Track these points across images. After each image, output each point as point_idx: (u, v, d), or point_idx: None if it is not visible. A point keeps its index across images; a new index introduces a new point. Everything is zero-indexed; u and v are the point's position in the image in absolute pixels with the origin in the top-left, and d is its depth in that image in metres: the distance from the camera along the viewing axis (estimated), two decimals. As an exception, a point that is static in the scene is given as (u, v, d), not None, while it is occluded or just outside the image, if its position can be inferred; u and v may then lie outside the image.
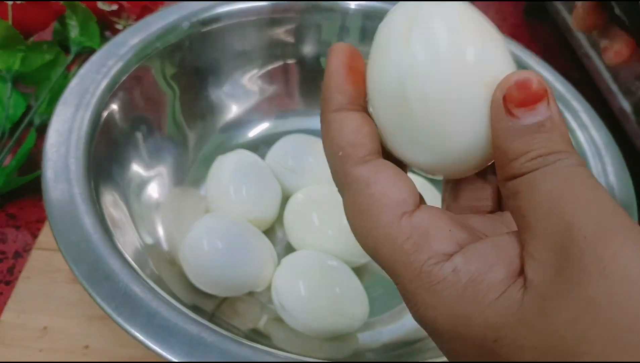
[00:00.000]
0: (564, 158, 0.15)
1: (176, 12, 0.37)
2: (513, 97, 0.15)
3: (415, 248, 0.16)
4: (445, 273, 0.15)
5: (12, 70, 0.41)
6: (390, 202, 0.16)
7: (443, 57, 0.16)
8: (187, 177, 0.38)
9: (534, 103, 0.15)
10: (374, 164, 0.17)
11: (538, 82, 0.15)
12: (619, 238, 0.14)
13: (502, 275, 0.15)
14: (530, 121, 0.15)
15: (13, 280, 0.34)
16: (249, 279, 0.32)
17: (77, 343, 0.31)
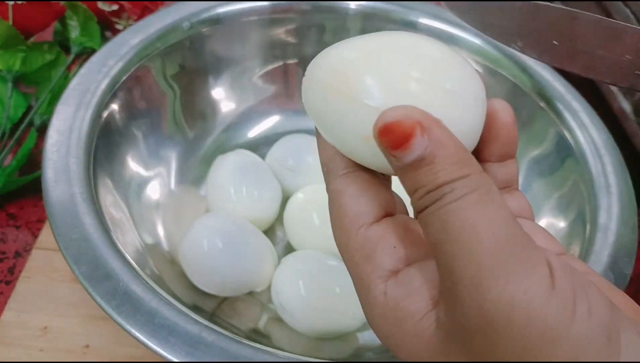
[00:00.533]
0: (447, 191, 0.14)
1: (176, 12, 0.37)
2: (384, 141, 0.15)
3: (363, 260, 0.17)
4: (379, 293, 0.16)
5: (13, 70, 0.41)
6: (350, 214, 0.17)
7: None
8: (188, 177, 0.38)
9: (406, 142, 0.15)
10: (347, 177, 0.18)
11: (402, 120, 0.15)
12: (491, 282, 0.14)
13: (419, 304, 0.16)
14: (409, 158, 0.15)
15: (13, 280, 0.34)
16: (249, 279, 0.32)
17: (77, 343, 0.31)
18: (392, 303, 0.16)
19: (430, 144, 0.15)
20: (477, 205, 0.14)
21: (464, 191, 0.14)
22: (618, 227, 0.30)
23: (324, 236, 0.34)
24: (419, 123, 0.15)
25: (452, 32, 0.40)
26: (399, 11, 0.40)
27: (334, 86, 0.17)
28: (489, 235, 0.14)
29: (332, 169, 0.18)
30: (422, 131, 0.15)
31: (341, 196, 0.17)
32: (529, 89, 0.38)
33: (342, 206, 0.17)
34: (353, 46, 0.18)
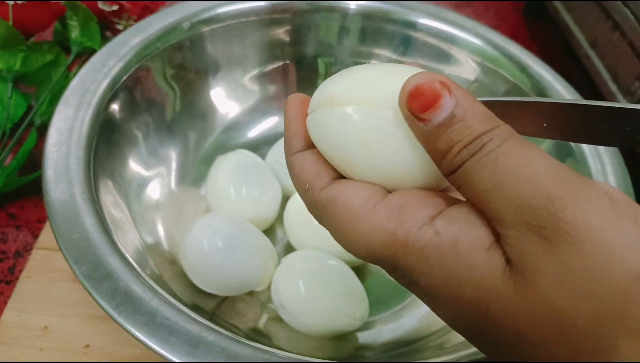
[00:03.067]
0: (486, 140, 0.15)
1: (177, 13, 0.37)
2: (415, 106, 0.15)
3: (397, 224, 0.16)
4: (429, 236, 0.16)
5: (13, 70, 0.41)
6: (360, 200, 0.17)
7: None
8: (188, 177, 0.38)
9: (435, 102, 0.15)
10: (336, 183, 0.18)
11: (429, 81, 0.15)
12: (585, 200, 0.14)
13: (483, 233, 0.15)
14: (440, 118, 0.15)
15: (14, 280, 0.34)
16: (249, 278, 0.32)
17: (78, 343, 0.31)
18: (451, 240, 0.15)
19: (459, 102, 0.15)
20: (522, 147, 0.15)
21: (502, 138, 0.15)
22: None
23: (324, 236, 0.34)
24: (445, 84, 0.15)
25: (452, 32, 0.40)
26: (398, 11, 0.41)
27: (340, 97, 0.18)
28: (545, 167, 0.14)
29: (315, 184, 0.18)
30: (449, 91, 0.15)
31: (340, 196, 0.17)
32: (528, 89, 0.38)
33: (344, 203, 0.17)
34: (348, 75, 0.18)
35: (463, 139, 0.15)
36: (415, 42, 0.41)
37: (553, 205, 0.14)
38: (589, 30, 0.47)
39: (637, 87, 0.41)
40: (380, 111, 0.17)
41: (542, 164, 0.14)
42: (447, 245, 0.15)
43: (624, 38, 0.42)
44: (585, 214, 0.14)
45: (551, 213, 0.14)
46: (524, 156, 0.14)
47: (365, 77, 0.18)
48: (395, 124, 0.17)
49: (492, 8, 0.63)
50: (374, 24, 0.41)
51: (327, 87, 0.18)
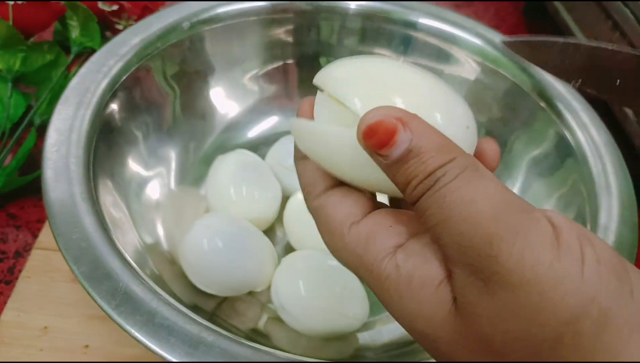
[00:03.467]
0: (440, 175, 0.15)
1: (176, 12, 0.37)
2: (371, 143, 0.16)
3: (365, 250, 0.17)
4: (390, 269, 0.16)
5: (13, 70, 0.41)
6: (338, 217, 0.18)
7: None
8: (188, 177, 0.38)
9: (390, 138, 0.15)
10: (327, 194, 0.19)
11: (384, 117, 0.15)
12: (523, 239, 0.14)
13: (435, 270, 0.16)
14: (396, 154, 0.15)
15: (13, 280, 0.34)
16: (249, 279, 0.32)
17: (77, 343, 0.31)
18: (406, 275, 0.16)
19: (414, 137, 0.15)
20: (471, 181, 0.15)
21: (455, 172, 0.15)
22: (618, 227, 0.30)
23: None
24: (399, 119, 0.15)
25: (452, 32, 0.40)
26: (398, 11, 0.40)
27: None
28: (488, 205, 0.14)
29: (311, 191, 0.19)
30: (404, 125, 0.15)
31: (324, 208, 0.18)
32: (529, 88, 0.38)
33: (327, 215, 0.18)
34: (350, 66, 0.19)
35: (419, 175, 0.15)
36: (415, 42, 0.41)
37: (491, 246, 0.14)
38: (589, 31, 0.47)
39: (638, 87, 0.41)
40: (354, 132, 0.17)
41: (488, 200, 0.14)
42: (403, 280, 0.16)
43: (624, 38, 0.42)
44: (520, 255, 0.14)
45: (488, 255, 0.14)
46: (473, 191, 0.15)
47: (354, 85, 0.18)
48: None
49: (492, 8, 0.63)
50: (374, 24, 0.41)
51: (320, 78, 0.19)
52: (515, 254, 0.14)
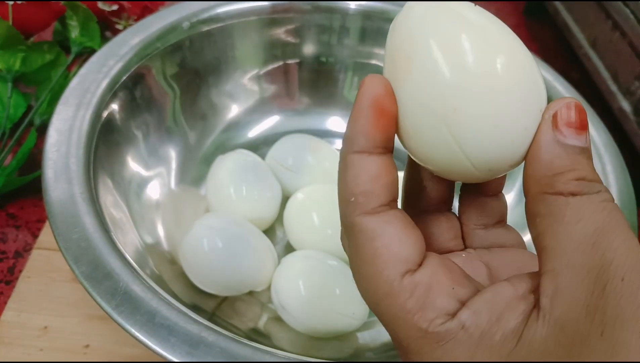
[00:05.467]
0: (603, 190, 0.15)
1: (176, 12, 0.37)
2: (563, 115, 0.15)
3: (419, 307, 0.15)
4: (454, 331, 0.15)
5: (13, 70, 0.41)
6: (393, 258, 0.15)
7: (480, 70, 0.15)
8: (188, 177, 0.38)
9: (581, 129, 0.15)
10: (383, 216, 0.16)
11: (586, 113, 0.15)
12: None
13: (513, 322, 0.15)
14: (575, 142, 0.15)
15: (13, 280, 0.34)
16: (249, 279, 0.32)
17: (78, 343, 0.31)
18: (478, 333, 0.15)
19: (587, 148, 0.15)
20: (614, 212, 0.15)
21: (608, 197, 0.15)
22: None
23: (324, 236, 0.34)
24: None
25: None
26: (399, 11, 0.40)
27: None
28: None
29: (361, 204, 0.16)
30: (587, 132, 0.16)
31: (379, 237, 0.16)
32: (528, 89, 0.38)
33: (380, 250, 0.15)
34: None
35: (585, 171, 0.15)
36: (415, 42, 0.41)
37: (623, 284, 0.14)
38: (589, 30, 0.47)
39: (637, 87, 0.41)
40: None
41: (636, 246, 0.14)
42: (477, 339, 0.15)
43: (624, 38, 0.42)
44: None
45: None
46: (626, 228, 0.14)
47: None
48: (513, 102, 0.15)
49: (492, 8, 0.63)
50: (374, 23, 0.41)
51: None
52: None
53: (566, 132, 0.15)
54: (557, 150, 0.15)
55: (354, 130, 0.16)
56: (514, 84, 0.15)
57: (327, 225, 0.34)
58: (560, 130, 0.15)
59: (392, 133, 0.16)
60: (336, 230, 0.34)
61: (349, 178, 0.16)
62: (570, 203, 0.15)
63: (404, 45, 0.16)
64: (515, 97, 0.15)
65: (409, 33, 0.16)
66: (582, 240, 0.14)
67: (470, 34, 0.16)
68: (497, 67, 0.15)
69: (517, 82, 0.16)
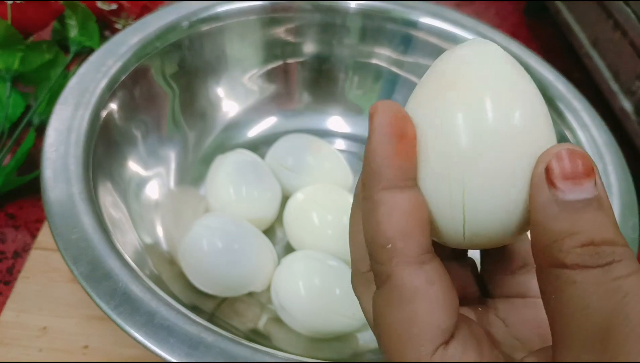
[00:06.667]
0: (617, 257, 0.12)
1: (176, 12, 0.37)
2: (558, 168, 0.13)
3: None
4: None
5: (12, 70, 0.41)
6: (432, 328, 0.14)
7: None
8: (187, 177, 0.38)
9: (581, 178, 0.13)
10: (427, 270, 0.14)
11: (585, 156, 0.13)
12: None
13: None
14: (575, 196, 0.13)
15: (12, 280, 0.34)
16: (248, 279, 0.32)
17: (77, 343, 0.31)
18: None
19: (600, 195, 0.13)
20: (630, 296, 0.12)
21: (631, 268, 0.12)
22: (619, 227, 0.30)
23: (324, 236, 0.34)
24: (595, 169, 0.13)
25: (452, 31, 0.40)
26: (399, 10, 0.40)
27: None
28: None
29: (401, 251, 0.14)
30: (595, 178, 0.13)
31: (420, 300, 0.14)
32: (529, 88, 0.37)
33: (420, 316, 0.14)
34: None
35: (590, 232, 0.13)
36: (415, 41, 0.41)
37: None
38: (590, 30, 0.47)
39: (639, 87, 0.41)
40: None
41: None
42: None
43: (625, 37, 0.42)
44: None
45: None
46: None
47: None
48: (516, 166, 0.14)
49: (493, 7, 0.62)
50: (375, 23, 0.41)
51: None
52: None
53: (564, 187, 0.13)
54: (552, 211, 0.13)
55: (375, 163, 0.14)
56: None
57: (327, 225, 0.34)
58: (554, 185, 0.13)
59: (414, 160, 0.15)
60: (336, 230, 0.34)
61: (380, 219, 0.14)
62: (577, 281, 0.12)
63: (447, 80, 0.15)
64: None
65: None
66: (589, 335, 0.12)
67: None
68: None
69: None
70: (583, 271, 0.12)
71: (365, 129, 0.48)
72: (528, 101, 0.15)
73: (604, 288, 0.12)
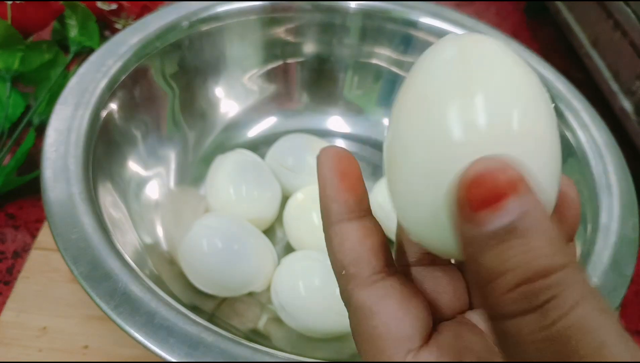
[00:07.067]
0: (555, 291, 0.10)
1: (176, 12, 0.37)
2: (471, 196, 0.11)
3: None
4: None
5: (12, 70, 0.41)
6: (394, 338, 0.14)
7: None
8: (187, 177, 0.38)
9: (497, 200, 0.11)
10: (379, 288, 0.15)
11: (502, 170, 0.11)
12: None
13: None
14: (495, 225, 0.11)
15: (12, 280, 0.34)
16: (248, 279, 0.32)
17: (76, 343, 0.31)
18: None
19: (529, 208, 0.11)
20: (595, 320, 0.10)
21: (572, 299, 0.10)
22: (619, 227, 0.30)
23: (324, 236, 0.34)
24: (521, 180, 0.11)
25: (452, 31, 0.40)
26: (399, 10, 0.40)
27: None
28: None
29: (353, 275, 0.15)
30: (516, 192, 0.11)
31: (376, 316, 0.14)
32: (529, 88, 0.37)
33: (379, 330, 0.14)
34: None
35: (521, 268, 0.11)
36: (415, 41, 0.41)
37: None
38: (590, 30, 0.47)
39: (638, 87, 0.41)
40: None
41: (627, 355, 0.10)
42: None
43: (625, 37, 0.42)
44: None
45: None
46: (602, 337, 0.10)
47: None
48: None
49: (493, 7, 0.62)
50: (375, 22, 0.41)
51: None
52: None
53: (480, 218, 0.11)
54: (476, 248, 0.11)
55: (324, 201, 0.16)
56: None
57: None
58: (471, 219, 0.11)
59: (362, 193, 0.16)
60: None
61: (335, 249, 0.15)
62: (514, 333, 0.11)
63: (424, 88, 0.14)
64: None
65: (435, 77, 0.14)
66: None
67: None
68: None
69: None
70: (518, 319, 0.11)
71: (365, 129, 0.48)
72: (527, 103, 0.14)
73: (542, 336, 0.10)
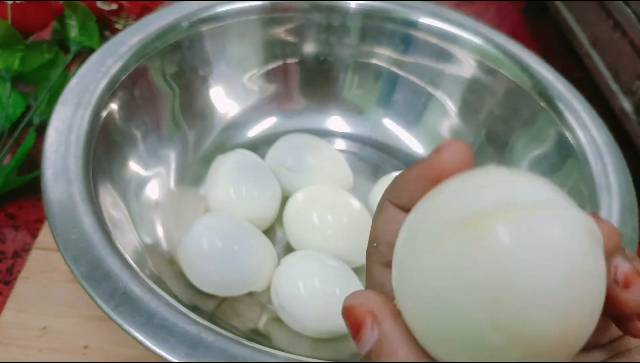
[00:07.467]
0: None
1: (176, 12, 0.37)
2: (347, 325, 0.13)
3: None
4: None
5: (12, 70, 0.41)
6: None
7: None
8: (187, 176, 0.38)
9: (357, 331, 0.13)
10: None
11: (358, 303, 0.13)
12: None
13: None
14: (363, 350, 0.13)
15: (12, 280, 0.34)
16: (248, 279, 0.32)
17: (77, 343, 0.31)
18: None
19: (379, 341, 0.12)
20: None
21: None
22: (619, 227, 0.30)
23: (324, 236, 0.34)
24: (371, 313, 0.13)
25: (452, 31, 0.40)
26: (399, 10, 0.40)
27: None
28: None
29: (383, 253, 0.15)
30: (373, 322, 0.13)
31: (384, 289, 0.15)
32: (529, 88, 0.37)
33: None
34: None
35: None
36: (415, 41, 0.41)
37: None
38: (590, 30, 0.47)
39: (638, 87, 0.41)
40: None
41: None
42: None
43: (625, 37, 0.42)
44: None
45: None
46: None
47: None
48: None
49: (493, 7, 0.62)
50: (375, 23, 0.41)
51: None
52: None
53: (356, 342, 0.13)
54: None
55: (399, 181, 0.15)
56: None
57: (327, 226, 0.34)
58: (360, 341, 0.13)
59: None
60: (336, 230, 0.34)
61: (379, 222, 0.15)
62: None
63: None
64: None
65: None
66: None
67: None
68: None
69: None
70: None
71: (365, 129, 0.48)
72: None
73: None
